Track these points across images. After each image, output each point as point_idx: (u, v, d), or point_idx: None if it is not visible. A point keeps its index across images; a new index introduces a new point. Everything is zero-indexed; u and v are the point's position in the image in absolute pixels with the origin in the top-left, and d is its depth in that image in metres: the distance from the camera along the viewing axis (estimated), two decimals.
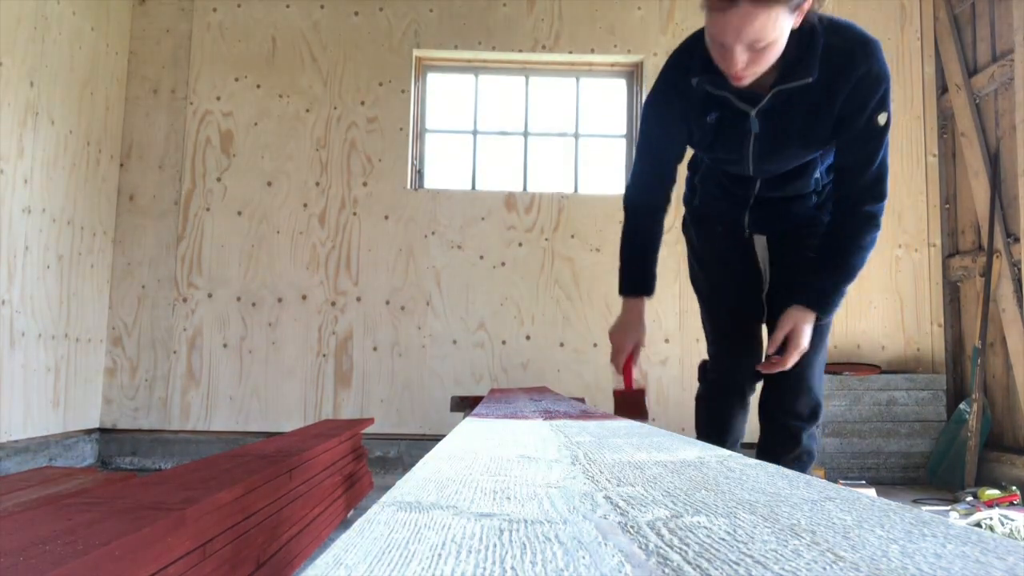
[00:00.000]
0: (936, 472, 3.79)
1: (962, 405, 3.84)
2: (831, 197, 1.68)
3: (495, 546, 0.32)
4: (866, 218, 1.56)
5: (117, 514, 1.00)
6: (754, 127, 1.55)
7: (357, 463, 2.61)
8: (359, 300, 4.12)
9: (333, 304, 4.11)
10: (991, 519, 2.70)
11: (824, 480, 0.48)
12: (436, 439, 3.77)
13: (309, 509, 1.87)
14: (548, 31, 4.33)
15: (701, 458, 0.61)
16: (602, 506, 0.40)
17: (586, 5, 4.35)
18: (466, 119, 4.45)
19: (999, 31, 3.90)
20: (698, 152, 1.78)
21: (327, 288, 4.12)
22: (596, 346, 4.08)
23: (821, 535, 0.33)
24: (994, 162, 3.87)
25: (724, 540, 0.32)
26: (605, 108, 4.51)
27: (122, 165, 4.16)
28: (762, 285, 1.87)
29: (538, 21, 4.34)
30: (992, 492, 3.21)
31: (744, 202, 1.77)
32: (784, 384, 1.75)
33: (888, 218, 1.50)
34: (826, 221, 1.70)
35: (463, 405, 2.86)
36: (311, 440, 2.13)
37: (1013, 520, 2.66)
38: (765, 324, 1.84)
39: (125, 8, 4.18)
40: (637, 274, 1.79)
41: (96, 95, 3.90)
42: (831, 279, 1.61)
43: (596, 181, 4.37)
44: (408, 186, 4.21)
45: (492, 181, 4.40)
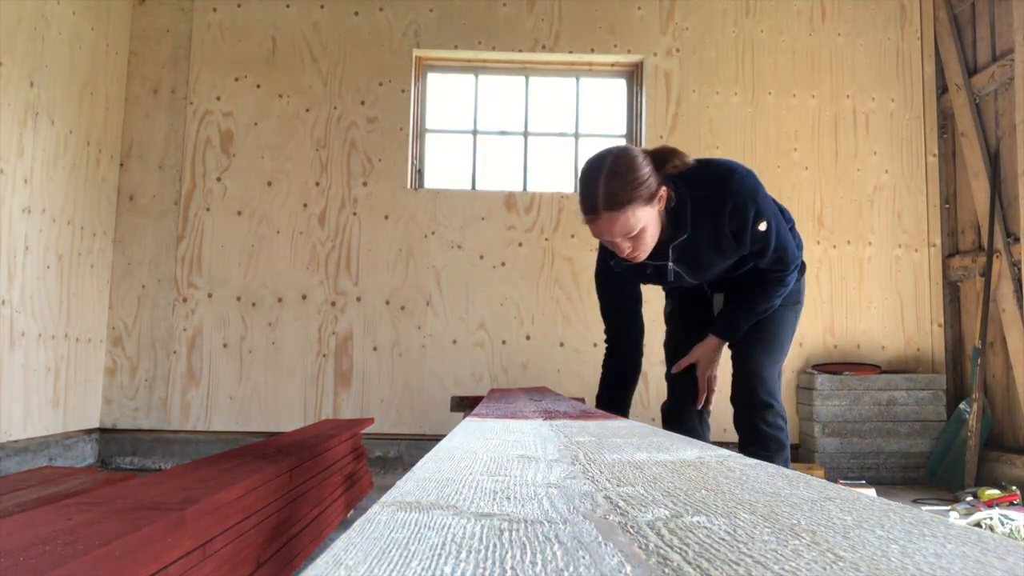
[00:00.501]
0: (936, 472, 3.79)
1: (962, 405, 3.84)
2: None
3: (495, 546, 0.32)
4: (774, 281, 1.95)
5: (117, 514, 1.00)
6: (676, 269, 1.94)
7: (357, 463, 2.61)
8: (359, 300, 4.12)
9: (333, 304, 4.11)
10: (991, 519, 2.70)
11: (824, 480, 0.48)
12: (436, 439, 3.77)
13: (309, 509, 1.87)
14: (548, 31, 4.33)
15: (701, 458, 0.61)
16: (602, 506, 0.40)
17: (586, 5, 4.35)
18: (466, 119, 4.45)
19: (999, 31, 3.90)
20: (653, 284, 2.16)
21: (327, 288, 4.12)
22: (596, 346, 4.07)
23: (821, 535, 0.33)
24: (994, 162, 3.88)
25: (724, 540, 0.32)
26: (605, 108, 4.51)
27: (122, 165, 4.16)
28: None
29: (538, 21, 4.34)
30: (992, 492, 3.21)
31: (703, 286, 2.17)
32: (736, 381, 2.03)
33: (888, 218, 1.52)
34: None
35: (463, 405, 2.85)
36: (311, 440, 2.13)
37: (1013, 520, 2.66)
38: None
39: (125, 8, 4.18)
40: (613, 408, 2.08)
41: (96, 95, 3.90)
42: (737, 316, 2.00)
43: None
44: (408, 186, 4.21)
45: (492, 181, 4.40)
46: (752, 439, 1.98)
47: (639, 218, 1.68)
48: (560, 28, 4.33)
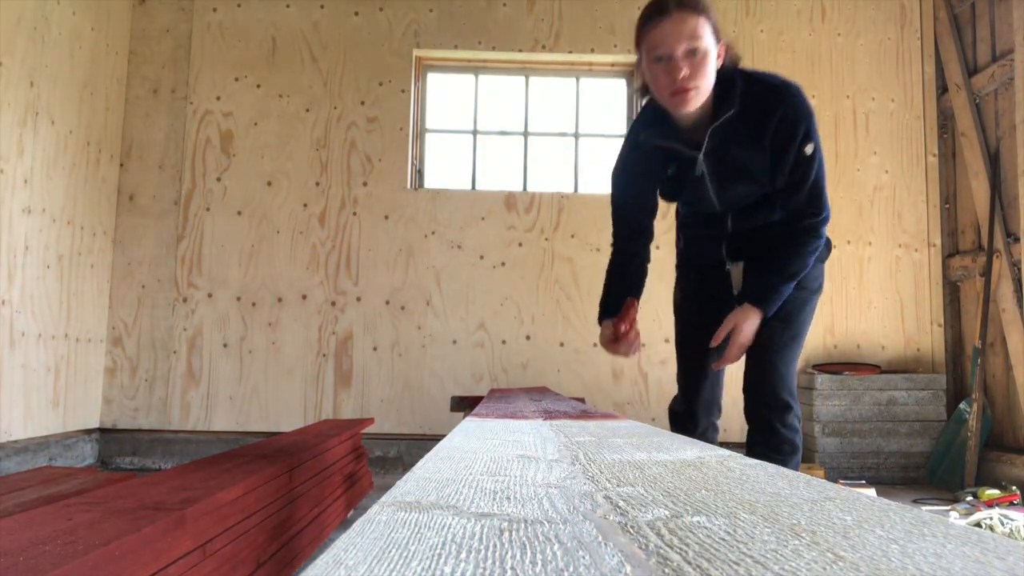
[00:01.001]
0: (936, 472, 3.79)
1: (962, 405, 3.84)
2: None
3: (495, 546, 0.32)
4: (805, 230, 1.75)
5: (117, 514, 1.00)
6: (704, 168, 1.77)
7: (357, 463, 2.61)
8: (359, 300, 4.12)
9: (333, 304, 4.11)
10: (991, 519, 2.70)
11: (824, 480, 0.48)
12: (436, 439, 3.77)
13: (309, 509, 1.87)
14: (548, 31, 4.33)
15: (701, 458, 0.61)
16: (602, 506, 0.40)
17: (586, 5, 4.35)
18: (466, 119, 4.45)
19: (999, 31, 3.90)
20: (669, 201, 1.98)
21: (327, 288, 4.12)
22: (596, 346, 4.07)
23: (821, 535, 0.33)
24: (994, 162, 3.87)
25: (724, 540, 0.32)
26: (605, 108, 4.51)
27: (122, 165, 4.16)
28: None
29: (538, 21, 4.34)
30: (992, 492, 3.21)
31: (721, 236, 1.93)
32: (754, 376, 1.88)
33: (888, 218, 1.53)
34: None
35: (463, 405, 2.86)
36: (311, 440, 2.13)
37: (1013, 520, 2.66)
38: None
39: (125, 8, 4.18)
40: (609, 305, 1.93)
41: (96, 95, 3.90)
42: (770, 278, 1.77)
43: (596, 181, 4.38)
44: (408, 186, 4.21)
45: (492, 181, 4.40)
46: (765, 439, 1.83)
47: (707, 36, 1.58)
48: (560, 28, 4.33)
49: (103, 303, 4.02)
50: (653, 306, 3.87)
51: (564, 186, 4.38)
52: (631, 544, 0.32)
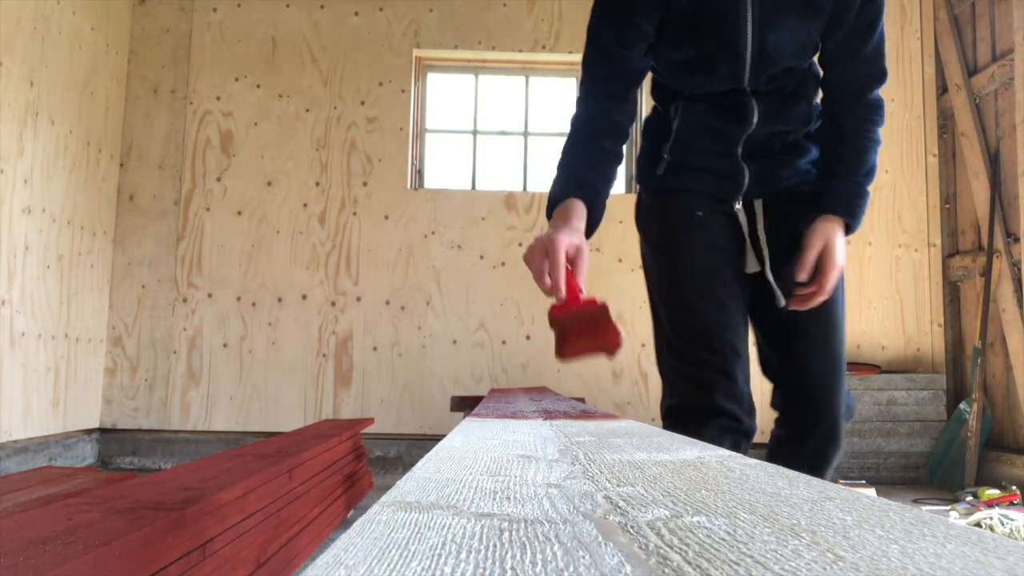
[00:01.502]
0: (936, 472, 3.79)
1: (962, 405, 3.84)
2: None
3: (495, 546, 0.32)
4: (873, 107, 1.34)
5: (117, 514, 1.00)
6: None
7: (357, 463, 2.61)
8: (359, 300, 4.12)
9: (333, 304, 4.11)
10: (991, 519, 2.70)
11: (824, 480, 0.48)
12: (436, 439, 3.77)
13: (309, 509, 1.87)
14: (548, 31, 4.33)
15: (701, 458, 0.61)
16: (602, 506, 0.40)
17: (586, 5, 4.33)
18: (466, 119, 4.45)
19: (999, 31, 3.90)
20: (669, 57, 1.36)
21: (327, 288, 4.12)
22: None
23: (821, 535, 0.33)
24: (994, 162, 3.88)
25: (724, 540, 0.32)
26: None
27: (122, 165, 4.16)
28: (745, 296, 1.44)
29: (538, 21, 4.34)
30: (992, 492, 3.21)
31: (737, 140, 1.36)
32: (804, 391, 1.39)
33: (888, 218, 1.46)
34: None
35: (463, 405, 2.86)
36: (311, 440, 2.13)
37: (1013, 520, 2.66)
38: (760, 334, 1.47)
39: (125, 8, 4.18)
40: (573, 180, 1.30)
41: (96, 95, 3.90)
42: (853, 178, 1.32)
43: None
44: (408, 186, 4.21)
45: (492, 181, 4.40)
46: (813, 464, 1.35)
47: None
48: (560, 28, 4.33)
49: (103, 303, 4.02)
50: (642, 293, 3.87)
51: None
52: (631, 544, 0.32)
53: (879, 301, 4.20)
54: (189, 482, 1.29)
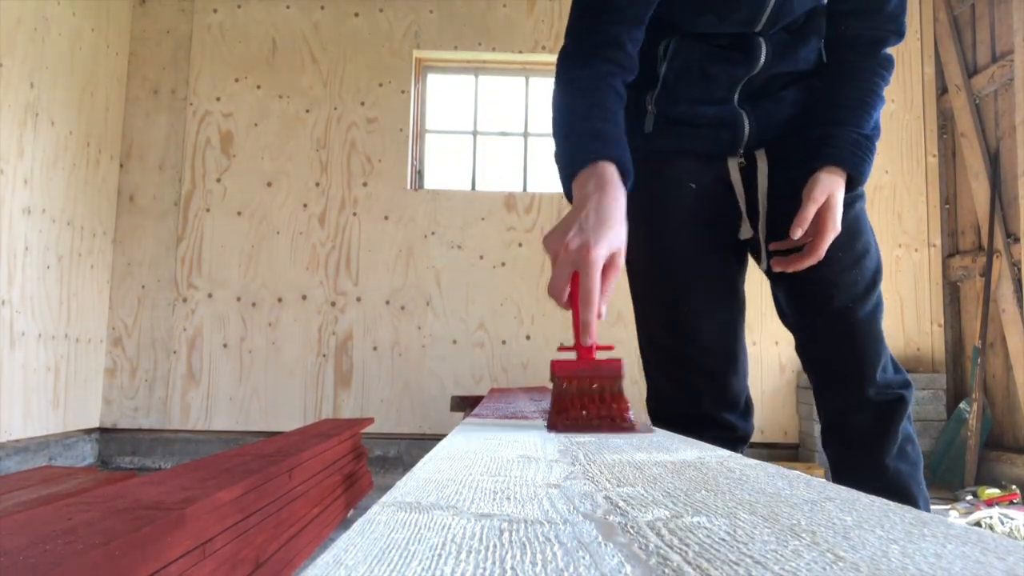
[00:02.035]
0: (936, 472, 3.79)
1: (962, 405, 3.84)
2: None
3: (495, 546, 0.32)
4: (885, 63, 1.20)
5: (117, 514, 1.00)
6: None
7: (357, 463, 2.61)
8: (359, 300, 4.12)
9: (333, 304, 4.11)
10: (991, 518, 2.70)
11: (824, 480, 0.48)
12: (436, 439, 3.77)
13: (309, 509, 1.87)
14: (548, 32, 4.33)
15: (701, 458, 0.61)
16: (602, 506, 0.40)
17: None
18: (466, 120, 4.45)
19: (999, 32, 3.90)
20: None
21: (327, 288, 4.12)
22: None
23: (821, 535, 0.33)
24: (994, 162, 3.88)
25: (724, 540, 0.32)
26: None
27: (122, 165, 4.16)
28: (741, 273, 1.31)
29: (538, 22, 4.34)
30: (992, 491, 3.21)
31: (736, 84, 1.20)
32: (832, 349, 1.28)
33: (888, 218, 1.44)
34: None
35: (463, 405, 2.86)
36: (311, 440, 2.13)
37: (1013, 519, 2.67)
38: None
39: (125, 8, 4.19)
40: (594, 133, 1.03)
41: (96, 96, 3.90)
42: (858, 129, 1.15)
43: None
44: (408, 186, 4.21)
45: (492, 181, 4.40)
46: (880, 487, 0.92)
47: None
48: (560, 29, 4.33)
49: (103, 303, 4.02)
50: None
51: None
52: (631, 544, 0.32)
53: None
54: (189, 482, 1.29)
